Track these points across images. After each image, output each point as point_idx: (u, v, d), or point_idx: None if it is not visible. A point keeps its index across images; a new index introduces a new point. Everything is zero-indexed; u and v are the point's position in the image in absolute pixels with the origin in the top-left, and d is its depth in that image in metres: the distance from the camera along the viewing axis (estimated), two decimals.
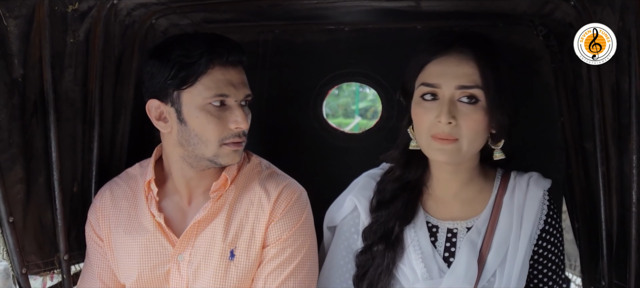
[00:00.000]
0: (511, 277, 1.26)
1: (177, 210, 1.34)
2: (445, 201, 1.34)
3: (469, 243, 1.28)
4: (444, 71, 1.22)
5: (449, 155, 1.22)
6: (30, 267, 1.29)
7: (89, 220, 1.39)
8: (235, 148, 1.27)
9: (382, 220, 1.32)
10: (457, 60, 1.22)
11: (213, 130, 1.23)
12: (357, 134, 1.92)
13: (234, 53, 1.25)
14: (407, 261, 1.29)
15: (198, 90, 1.22)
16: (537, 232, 1.31)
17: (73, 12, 1.31)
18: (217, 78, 1.22)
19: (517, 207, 1.30)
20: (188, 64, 1.21)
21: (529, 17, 1.54)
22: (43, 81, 1.28)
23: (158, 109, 1.27)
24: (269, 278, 1.28)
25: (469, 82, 1.20)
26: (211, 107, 1.23)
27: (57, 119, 1.30)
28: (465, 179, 1.32)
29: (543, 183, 1.33)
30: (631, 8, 1.14)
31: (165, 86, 1.23)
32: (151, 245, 1.31)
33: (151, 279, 1.31)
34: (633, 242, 1.21)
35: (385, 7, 1.54)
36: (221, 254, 1.28)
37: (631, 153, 1.19)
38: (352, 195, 1.37)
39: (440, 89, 1.21)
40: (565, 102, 1.54)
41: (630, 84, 1.17)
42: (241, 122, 1.24)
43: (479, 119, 1.20)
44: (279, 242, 1.29)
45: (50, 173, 1.32)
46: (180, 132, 1.25)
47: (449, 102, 1.20)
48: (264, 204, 1.30)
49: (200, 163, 1.29)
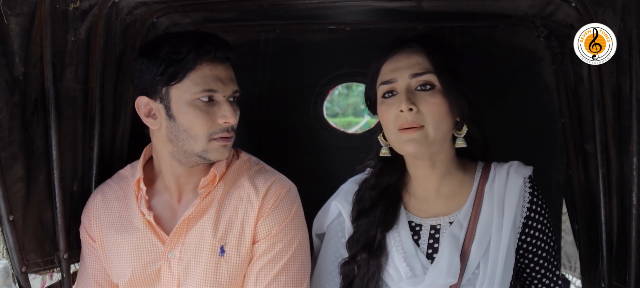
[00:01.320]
0: (496, 267, 1.25)
1: (167, 208, 1.35)
2: (427, 199, 1.35)
3: (451, 237, 1.28)
4: (396, 66, 1.28)
5: (417, 144, 1.24)
6: (30, 265, 1.29)
7: (83, 222, 1.40)
8: (224, 143, 1.28)
9: (363, 229, 1.34)
10: (407, 53, 1.28)
11: (202, 125, 1.24)
12: (358, 134, 1.92)
13: (222, 50, 1.26)
14: (391, 262, 1.31)
15: (186, 85, 1.23)
16: (522, 220, 1.30)
17: (74, 10, 1.31)
18: (205, 74, 1.24)
19: (497, 196, 1.30)
20: (176, 61, 1.22)
21: (530, 18, 1.54)
22: (44, 79, 1.27)
23: (147, 106, 1.28)
24: (261, 274, 1.29)
25: (421, 69, 1.25)
26: (199, 102, 1.24)
27: (57, 117, 1.30)
28: (442, 173, 1.32)
29: (523, 171, 1.32)
30: (632, 9, 1.14)
31: (154, 82, 1.25)
32: (142, 244, 1.32)
33: (143, 278, 1.32)
34: (633, 243, 1.21)
35: (386, 7, 1.54)
36: (211, 250, 1.28)
37: (632, 155, 1.19)
38: (336, 201, 1.40)
39: (396, 82, 1.27)
40: (566, 103, 1.54)
41: (631, 86, 1.17)
42: (229, 117, 1.26)
43: (438, 102, 1.24)
44: (269, 237, 1.30)
45: (50, 172, 1.32)
46: (169, 128, 1.27)
47: (407, 91, 1.25)
48: (252, 200, 1.31)
49: (189, 159, 1.30)
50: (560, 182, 1.60)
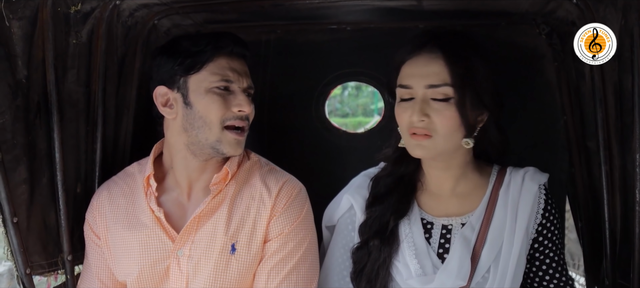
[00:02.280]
0: (506, 272, 1.26)
1: (177, 206, 1.35)
2: (441, 197, 1.35)
3: (463, 239, 1.28)
4: (414, 72, 1.25)
5: (425, 150, 1.25)
6: (34, 267, 1.30)
7: (87, 219, 1.39)
8: (237, 136, 1.30)
9: (377, 215, 1.34)
10: (427, 60, 1.24)
11: (216, 110, 1.28)
12: (360, 134, 1.92)
13: (238, 45, 1.33)
14: (401, 258, 1.30)
15: (204, 75, 1.28)
16: (535, 227, 1.31)
17: (76, 13, 1.31)
18: (222, 65, 1.29)
19: (511, 202, 1.30)
20: (195, 52, 1.28)
21: (532, 16, 1.54)
22: (46, 82, 1.28)
23: (165, 96, 1.32)
24: (272, 273, 1.29)
25: (438, 80, 1.22)
26: (216, 90, 1.29)
27: (60, 120, 1.31)
28: (457, 175, 1.32)
29: (539, 177, 1.32)
30: (633, 7, 1.14)
31: (172, 73, 1.30)
32: (150, 241, 1.32)
33: (151, 275, 1.32)
34: (637, 241, 1.20)
35: (387, 7, 1.54)
36: (222, 248, 1.29)
37: (634, 152, 1.18)
38: (348, 194, 1.39)
39: (413, 89, 1.25)
40: (568, 101, 1.53)
41: (633, 83, 1.16)
42: (244, 105, 1.29)
43: (451, 114, 1.22)
44: (280, 236, 1.31)
45: (53, 174, 1.32)
46: (185, 116, 1.30)
47: (422, 101, 1.24)
48: (265, 199, 1.32)
49: (203, 151, 1.31)
50: (562, 180, 1.60)
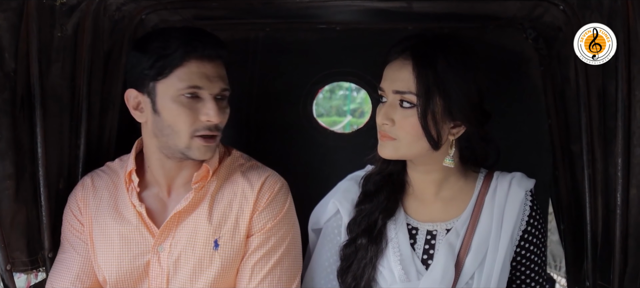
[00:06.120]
0: (490, 278, 1.26)
1: (157, 202, 1.34)
2: (426, 201, 1.35)
3: (447, 245, 1.28)
4: (387, 76, 1.27)
5: (387, 150, 1.27)
6: (16, 263, 1.28)
7: (69, 207, 1.36)
8: (207, 143, 1.27)
9: (366, 213, 1.34)
10: (399, 65, 1.25)
11: (184, 121, 1.24)
12: (347, 133, 1.92)
13: (210, 47, 1.25)
14: (385, 263, 1.31)
15: (172, 81, 1.23)
16: (519, 233, 1.30)
17: (61, 5, 1.29)
18: (191, 70, 1.23)
19: (497, 207, 1.29)
20: (164, 56, 1.23)
21: (519, 20, 1.56)
22: (30, 75, 1.26)
23: (136, 99, 1.29)
24: (256, 268, 1.29)
25: (403, 87, 1.23)
26: (183, 98, 1.23)
27: (43, 114, 1.28)
28: (439, 179, 1.32)
29: (526, 183, 1.32)
30: (618, 12, 1.16)
31: (142, 76, 1.25)
32: (132, 236, 1.31)
33: (130, 271, 1.30)
34: (617, 243, 1.23)
35: (376, 8, 1.55)
36: (205, 244, 1.28)
37: (616, 156, 1.21)
38: (334, 199, 1.39)
39: (384, 92, 1.27)
40: (553, 105, 1.55)
41: (616, 88, 1.19)
42: (213, 115, 1.24)
43: (414, 123, 1.22)
44: (263, 231, 1.31)
45: (35, 169, 1.30)
46: (154, 122, 1.27)
47: (389, 105, 1.26)
48: (247, 194, 1.32)
49: (175, 154, 1.30)
50: (546, 183, 1.62)
